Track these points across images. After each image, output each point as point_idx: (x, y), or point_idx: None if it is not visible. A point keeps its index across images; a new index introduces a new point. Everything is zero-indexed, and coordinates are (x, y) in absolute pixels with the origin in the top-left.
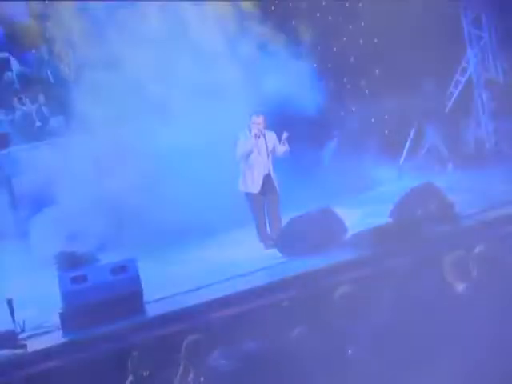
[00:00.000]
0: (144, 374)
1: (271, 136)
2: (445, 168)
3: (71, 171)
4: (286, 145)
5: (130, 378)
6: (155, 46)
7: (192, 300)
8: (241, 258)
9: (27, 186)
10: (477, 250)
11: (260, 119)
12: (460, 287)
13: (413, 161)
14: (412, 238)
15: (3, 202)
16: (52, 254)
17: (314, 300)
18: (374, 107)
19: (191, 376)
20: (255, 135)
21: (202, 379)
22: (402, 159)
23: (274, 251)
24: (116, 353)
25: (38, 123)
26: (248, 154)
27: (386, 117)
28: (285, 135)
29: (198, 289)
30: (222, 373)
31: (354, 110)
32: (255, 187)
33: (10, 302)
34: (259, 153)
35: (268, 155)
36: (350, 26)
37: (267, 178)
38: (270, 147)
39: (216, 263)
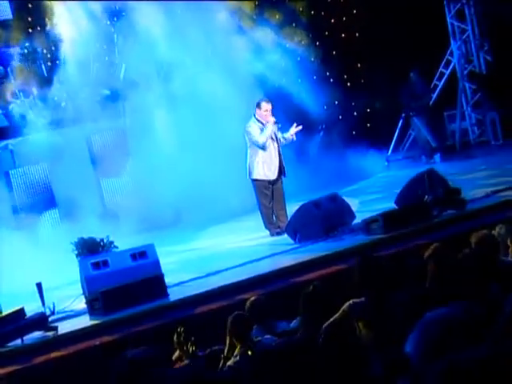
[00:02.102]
0: (191, 349)
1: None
2: (432, 158)
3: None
4: (294, 136)
5: (177, 353)
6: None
7: (213, 283)
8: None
9: (24, 177)
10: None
11: (270, 105)
12: None
13: (400, 152)
14: (422, 222)
15: (1, 195)
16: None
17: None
18: (357, 101)
19: (238, 350)
20: (274, 122)
21: (249, 353)
22: (389, 150)
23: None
24: (156, 331)
25: (31, 116)
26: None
27: (368, 110)
28: (298, 128)
29: (216, 273)
30: (269, 346)
31: (336, 103)
32: (272, 173)
33: (39, 286)
34: (273, 139)
35: (278, 142)
36: (332, 20)
37: (280, 164)
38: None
39: (229, 249)
